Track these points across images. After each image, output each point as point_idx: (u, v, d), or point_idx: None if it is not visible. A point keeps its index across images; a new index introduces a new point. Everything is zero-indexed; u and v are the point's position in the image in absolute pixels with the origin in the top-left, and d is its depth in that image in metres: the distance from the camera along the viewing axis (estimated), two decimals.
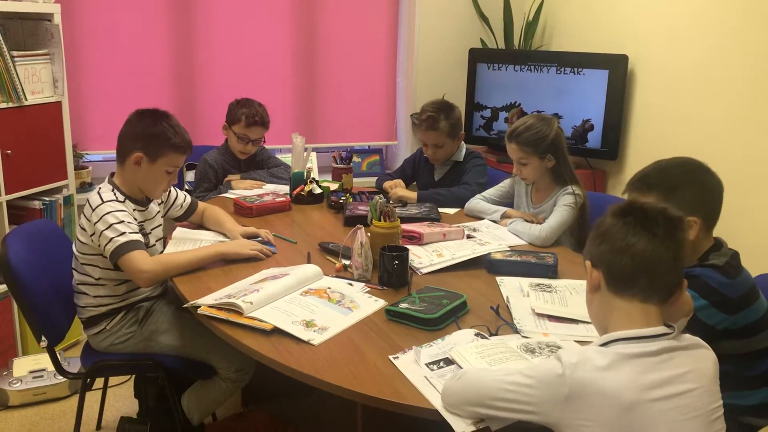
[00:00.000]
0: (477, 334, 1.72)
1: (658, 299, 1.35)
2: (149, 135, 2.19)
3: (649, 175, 1.81)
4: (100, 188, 2.21)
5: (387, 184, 3.18)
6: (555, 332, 1.78)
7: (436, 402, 1.45)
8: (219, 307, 1.86)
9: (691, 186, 1.75)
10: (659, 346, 1.29)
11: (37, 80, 3.12)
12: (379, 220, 2.24)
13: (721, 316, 1.68)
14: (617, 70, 3.60)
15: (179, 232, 2.53)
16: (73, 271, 2.25)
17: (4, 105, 2.95)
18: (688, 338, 1.35)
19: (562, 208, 2.57)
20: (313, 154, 3.69)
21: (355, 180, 3.27)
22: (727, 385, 1.42)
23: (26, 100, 3.03)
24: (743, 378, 1.73)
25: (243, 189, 3.10)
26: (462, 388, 1.41)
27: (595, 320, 1.46)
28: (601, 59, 3.66)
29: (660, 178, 1.78)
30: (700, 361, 1.33)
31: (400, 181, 3.19)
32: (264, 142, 3.31)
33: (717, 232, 1.82)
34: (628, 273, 1.34)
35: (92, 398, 2.71)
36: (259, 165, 3.34)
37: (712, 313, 1.67)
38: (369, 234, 2.19)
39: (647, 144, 3.60)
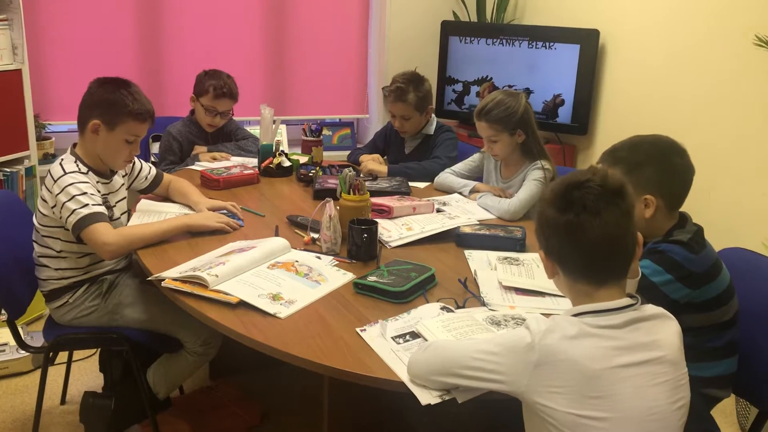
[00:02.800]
0: (443, 308, 1.72)
1: (617, 277, 1.35)
2: (107, 102, 2.14)
3: (619, 149, 1.81)
4: (62, 159, 2.16)
5: (365, 158, 3.13)
6: (521, 305, 1.79)
7: (403, 374, 1.45)
8: (184, 280, 1.83)
9: (655, 165, 1.74)
10: (625, 318, 1.30)
11: None
12: (349, 194, 2.22)
13: (685, 290, 1.69)
14: (588, 45, 3.60)
15: (144, 204, 2.48)
16: (34, 244, 2.19)
17: None
18: (651, 308, 1.36)
19: (531, 182, 2.58)
20: (283, 127, 3.64)
21: (325, 153, 3.24)
22: (690, 356, 1.44)
23: None
24: (706, 349, 1.76)
25: (207, 161, 3.04)
26: (428, 358, 1.41)
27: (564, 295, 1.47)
28: (573, 34, 3.65)
29: (628, 153, 1.78)
30: (664, 330, 1.35)
31: (377, 156, 3.14)
32: (232, 114, 3.25)
33: (683, 206, 1.83)
34: (584, 264, 1.34)
35: (57, 373, 2.67)
36: (227, 137, 3.28)
37: (677, 287, 1.69)
38: (338, 207, 2.17)
39: (617, 120, 3.62)
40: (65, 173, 2.09)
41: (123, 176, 2.36)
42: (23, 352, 2.55)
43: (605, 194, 1.31)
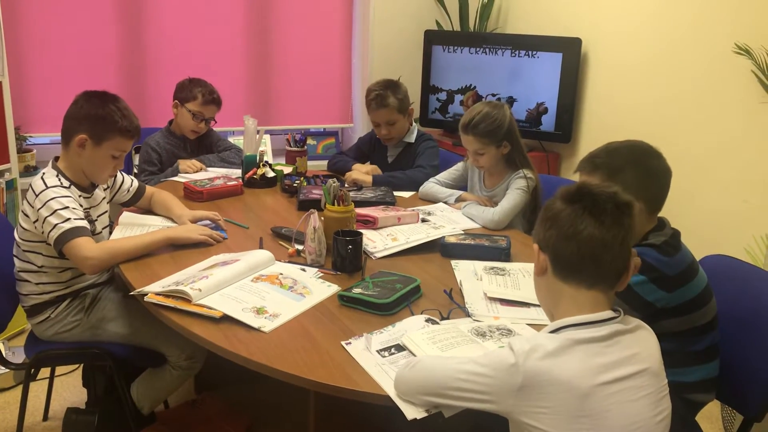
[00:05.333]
0: (428, 320, 1.72)
1: (605, 286, 1.35)
2: (95, 117, 2.12)
3: (597, 155, 1.82)
4: (44, 173, 2.13)
5: (357, 168, 3.08)
6: (506, 316, 1.79)
7: (389, 388, 1.44)
8: (167, 294, 1.82)
9: (634, 169, 1.76)
10: (608, 331, 1.30)
11: None
12: (333, 204, 2.21)
13: (660, 293, 1.70)
14: (571, 54, 3.62)
15: (126, 217, 2.46)
16: (15, 259, 2.16)
17: None
18: (631, 320, 1.36)
19: (514, 191, 2.59)
20: (266, 137, 3.63)
21: (309, 163, 3.23)
22: (671, 362, 1.44)
23: None
24: (686, 354, 1.77)
25: (187, 169, 3.02)
26: (415, 377, 1.40)
27: (543, 303, 1.47)
28: (555, 42, 3.68)
29: (605, 159, 1.79)
30: (645, 343, 1.35)
31: (375, 167, 3.10)
32: (215, 123, 3.24)
33: (665, 214, 1.85)
34: (574, 260, 1.33)
35: (39, 388, 2.63)
36: (208, 148, 3.26)
37: (650, 288, 1.69)
38: (323, 218, 2.17)
39: (600, 127, 3.64)
40: (47, 187, 2.07)
41: (105, 189, 2.34)
42: (4, 368, 2.52)
43: (614, 202, 1.34)
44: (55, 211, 2.02)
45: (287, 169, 3.07)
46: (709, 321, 1.77)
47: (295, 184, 2.84)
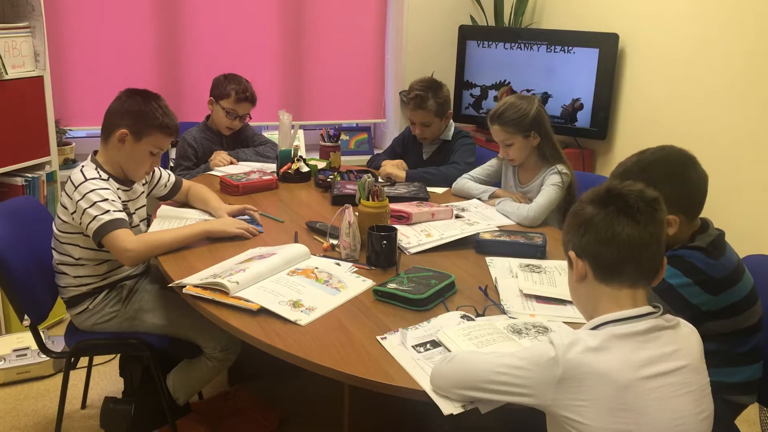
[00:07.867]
0: (463, 317, 1.71)
1: (646, 282, 1.36)
2: (137, 112, 2.16)
3: (630, 171, 1.77)
4: (83, 166, 2.17)
5: (387, 162, 3.09)
6: (542, 313, 1.77)
7: (425, 383, 1.44)
8: (204, 286, 1.84)
9: (670, 183, 1.70)
10: (648, 325, 1.30)
11: (18, 54, 3.05)
12: (368, 200, 2.21)
13: (705, 296, 1.67)
14: (607, 49, 3.58)
15: (164, 210, 2.49)
16: (53, 251, 2.20)
17: None
18: (672, 318, 1.36)
19: (549, 187, 2.56)
20: (300, 132, 3.66)
21: (342, 158, 3.24)
22: (714, 362, 1.43)
23: (6, 74, 2.97)
24: (729, 355, 1.74)
25: (219, 163, 3.06)
26: (452, 370, 1.40)
27: (582, 308, 1.46)
28: (592, 38, 3.63)
29: (640, 175, 1.74)
30: (686, 340, 1.35)
31: (401, 162, 3.10)
32: (250, 119, 3.27)
33: (706, 213, 1.81)
34: (615, 262, 1.34)
35: (77, 377, 2.68)
36: (244, 143, 3.30)
37: (696, 291, 1.67)
38: (357, 213, 2.17)
39: (636, 124, 3.59)
40: (86, 179, 2.10)
41: (143, 184, 2.37)
42: (44, 356, 2.57)
43: (643, 199, 1.35)
44: (95, 203, 2.06)
45: (321, 164, 3.08)
46: (755, 323, 1.74)
47: (329, 179, 2.85)
